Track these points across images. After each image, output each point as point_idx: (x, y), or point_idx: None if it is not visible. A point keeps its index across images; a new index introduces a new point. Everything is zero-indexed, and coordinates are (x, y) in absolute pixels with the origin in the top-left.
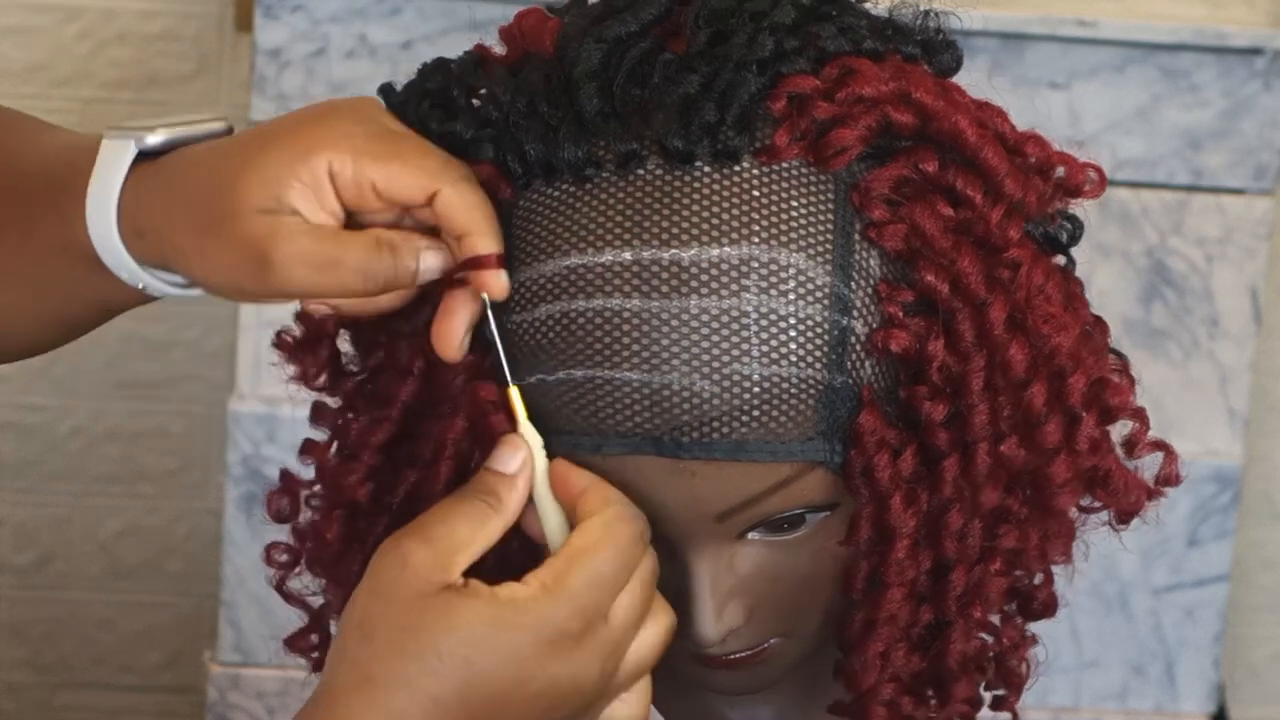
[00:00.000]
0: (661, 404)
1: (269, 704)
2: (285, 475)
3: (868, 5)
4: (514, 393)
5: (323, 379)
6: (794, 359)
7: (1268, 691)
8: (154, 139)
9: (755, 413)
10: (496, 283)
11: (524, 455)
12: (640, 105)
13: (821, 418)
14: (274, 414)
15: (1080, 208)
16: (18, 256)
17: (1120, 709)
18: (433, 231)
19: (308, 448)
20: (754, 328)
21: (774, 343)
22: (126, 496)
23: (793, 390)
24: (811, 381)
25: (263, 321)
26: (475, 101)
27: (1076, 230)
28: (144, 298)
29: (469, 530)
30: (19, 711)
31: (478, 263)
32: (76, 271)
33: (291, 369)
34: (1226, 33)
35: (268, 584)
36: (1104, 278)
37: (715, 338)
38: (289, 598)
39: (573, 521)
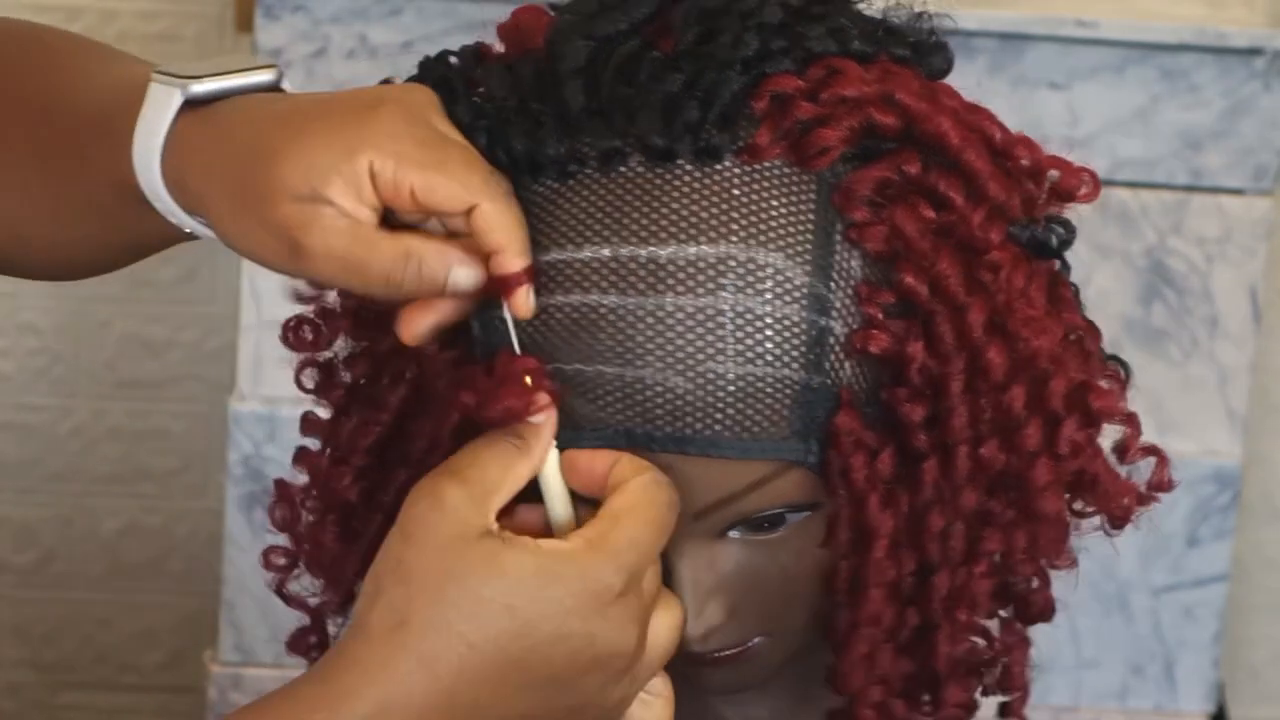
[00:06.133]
0: (635, 397)
1: None
2: (280, 484)
3: (862, 6)
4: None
5: (314, 383)
6: (769, 358)
7: (1267, 691)
8: (200, 88)
9: (730, 410)
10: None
11: (547, 407)
12: (625, 103)
13: (798, 417)
14: (274, 414)
15: (1075, 209)
16: (74, 184)
17: (1120, 708)
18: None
19: (300, 456)
20: (729, 326)
21: (749, 341)
22: (127, 496)
23: (768, 389)
24: (787, 381)
25: (263, 321)
26: (474, 98)
27: (1068, 234)
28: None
29: (499, 472)
30: (19, 711)
31: (505, 282)
32: (128, 204)
33: (300, 355)
34: (1226, 33)
35: (268, 585)
36: (1103, 278)
37: (690, 335)
38: (289, 600)
39: (598, 495)
